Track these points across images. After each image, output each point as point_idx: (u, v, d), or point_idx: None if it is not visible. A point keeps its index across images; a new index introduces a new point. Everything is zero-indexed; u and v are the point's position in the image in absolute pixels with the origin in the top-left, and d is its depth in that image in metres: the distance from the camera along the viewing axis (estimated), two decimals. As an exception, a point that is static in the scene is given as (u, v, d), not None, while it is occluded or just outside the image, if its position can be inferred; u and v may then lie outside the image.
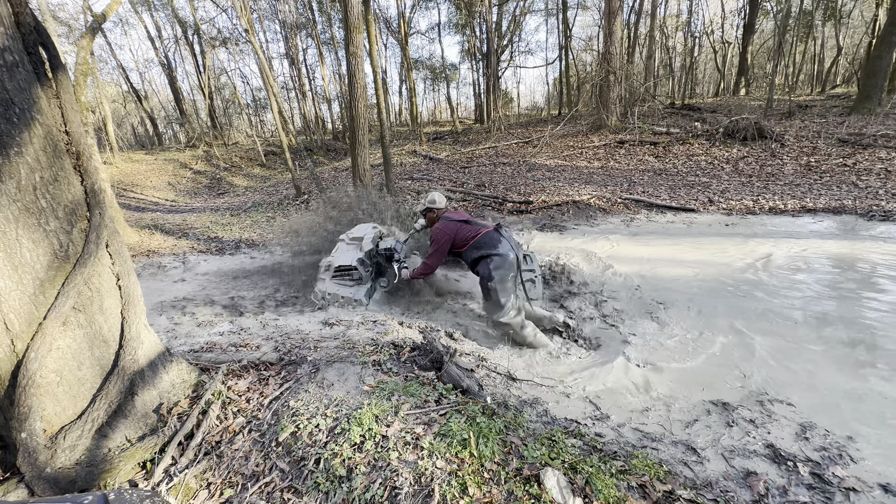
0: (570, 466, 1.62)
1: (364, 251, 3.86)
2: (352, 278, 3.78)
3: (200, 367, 2.34)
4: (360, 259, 3.80)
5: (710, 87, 29.34)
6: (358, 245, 3.97)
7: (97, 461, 1.61)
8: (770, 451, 1.87)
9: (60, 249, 1.57)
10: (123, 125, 28.39)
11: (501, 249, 3.07)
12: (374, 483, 1.53)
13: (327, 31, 22.09)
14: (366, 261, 3.84)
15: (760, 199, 6.55)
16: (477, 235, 3.14)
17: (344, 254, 3.92)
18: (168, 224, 9.86)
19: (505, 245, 3.10)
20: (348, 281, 3.79)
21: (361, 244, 3.97)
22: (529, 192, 8.42)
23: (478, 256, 3.12)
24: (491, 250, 3.08)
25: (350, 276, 3.78)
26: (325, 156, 20.05)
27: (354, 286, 3.75)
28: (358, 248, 3.92)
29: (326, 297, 3.74)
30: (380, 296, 3.87)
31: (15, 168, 1.43)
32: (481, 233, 3.14)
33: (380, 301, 3.81)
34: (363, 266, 3.79)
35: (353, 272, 3.76)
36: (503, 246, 3.09)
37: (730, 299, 3.44)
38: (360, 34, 7.66)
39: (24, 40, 1.50)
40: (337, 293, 3.70)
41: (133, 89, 22.85)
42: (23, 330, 1.49)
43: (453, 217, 3.31)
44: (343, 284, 3.78)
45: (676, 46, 25.19)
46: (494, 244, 3.10)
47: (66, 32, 17.29)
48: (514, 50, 24.76)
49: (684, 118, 13.27)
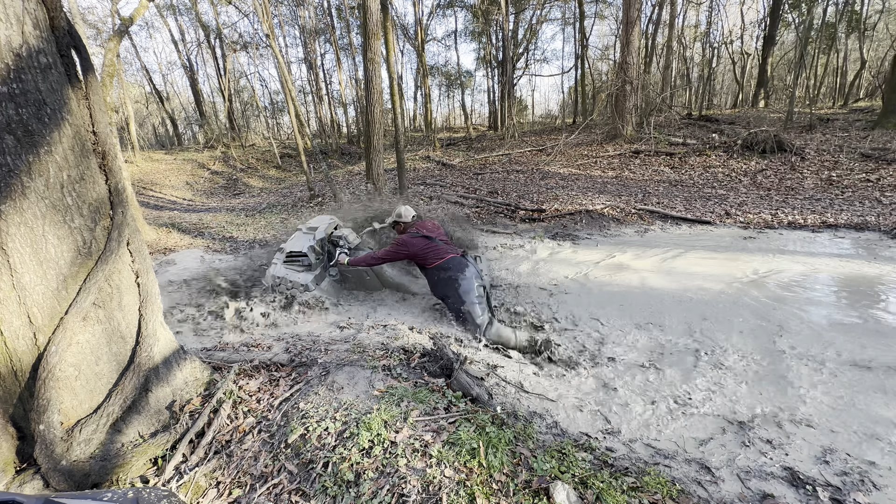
0: (581, 481, 1.59)
1: (317, 240, 4.07)
2: (301, 264, 3.97)
3: (213, 365, 2.37)
4: (311, 246, 4.01)
5: (728, 98, 28.97)
6: (312, 234, 4.18)
7: (111, 456, 1.64)
8: (788, 473, 1.81)
9: (84, 246, 1.61)
10: (145, 125, 29.11)
11: (467, 272, 3.27)
12: (381, 489, 1.52)
13: (345, 36, 22.43)
14: (317, 248, 4.05)
15: (779, 213, 6.42)
16: (444, 258, 3.31)
17: (297, 241, 4.13)
18: (185, 223, 10.04)
19: (471, 270, 3.29)
20: (298, 267, 3.97)
21: (315, 233, 4.18)
22: (542, 201, 8.39)
23: (446, 277, 3.29)
24: (458, 273, 3.26)
25: (300, 262, 3.97)
26: (339, 159, 20.27)
27: (304, 272, 3.93)
28: (312, 237, 4.12)
29: (276, 281, 3.91)
30: (328, 284, 4.03)
31: (44, 166, 1.48)
32: (447, 257, 3.32)
33: (328, 290, 3.97)
34: (314, 253, 4.00)
35: (303, 258, 3.96)
36: (469, 271, 3.28)
37: (752, 318, 3.37)
38: (377, 40, 7.76)
39: (57, 43, 1.55)
40: (286, 277, 3.88)
41: (156, 91, 23.43)
42: (45, 324, 1.52)
43: (422, 232, 3.50)
44: (293, 269, 3.96)
45: (694, 57, 24.97)
46: (461, 267, 3.28)
47: (94, 35, 17.85)
48: (530, 58, 24.83)
49: (701, 129, 13.11)
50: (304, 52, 23.07)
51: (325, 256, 4.13)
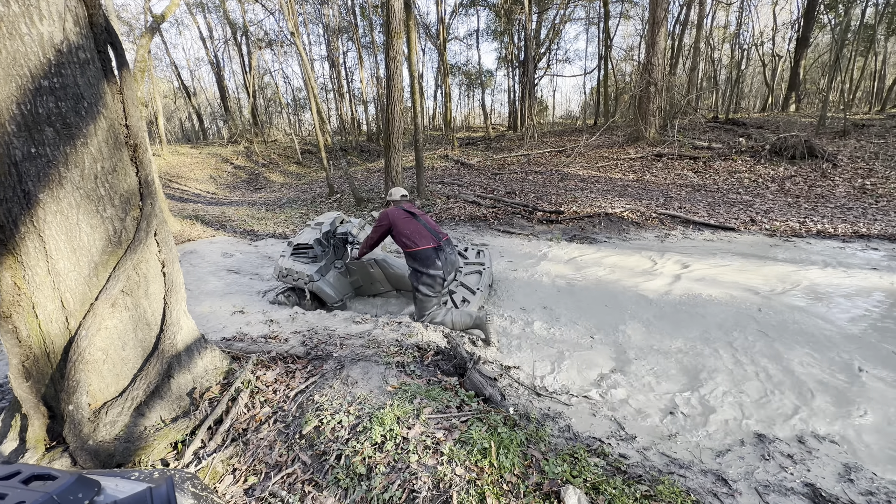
0: (593, 486, 1.57)
1: (323, 233, 4.24)
2: (307, 256, 4.13)
3: (232, 355, 2.43)
4: (318, 239, 4.16)
5: (756, 101, 28.09)
6: (319, 228, 4.35)
7: (134, 438, 1.70)
8: (809, 490, 1.76)
9: (114, 235, 1.67)
10: (172, 119, 29.94)
11: (432, 270, 3.34)
12: (392, 484, 1.54)
13: (368, 35, 22.63)
14: (323, 241, 4.21)
15: (808, 221, 6.20)
16: (416, 248, 3.38)
17: (305, 235, 4.31)
18: (208, 215, 10.30)
19: (438, 266, 3.35)
20: (304, 258, 4.13)
21: (321, 227, 4.35)
22: (560, 202, 8.30)
23: (413, 268, 3.42)
24: (424, 269, 3.35)
25: (307, 254, 4.14)
26: (358, 156, 20.47)
27: (309, 263, 4.08)
28: (318, 231, 4.29)
29: (283, 272, 4.08)
30: (334, 276, 4.16)
31: (80, 157, 1.54)
32: (419, 248, 3.38)
33: (333, 282, 4.11)
34: (319, 245, 4.16)
35: (309, 251, 4.12)
36: (435, 267, 3.35)
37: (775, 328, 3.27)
38: (400, 39, 7.80)
39: (95, 39, 1.61)
40: (293, 268, 4.03)
41: (183, 86, 24.08)
42: (76, 309, 1.59)
43: (404, 207, 3.63)
44: (299, 261, 4.12)
45: (722, 58, 24.28)
46: (428, 264, 3.35)
47: (127, 31, 18.44)
48: (552, 58, 24.57)
49: (727, 133, 12.75)
50: (328, 49, 23.37)
51: (330, 249, 4.29)
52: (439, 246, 3.41)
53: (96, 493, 0.58)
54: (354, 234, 4.43)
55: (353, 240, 4.39)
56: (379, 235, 3.64)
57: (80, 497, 0.55)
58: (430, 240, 3.41)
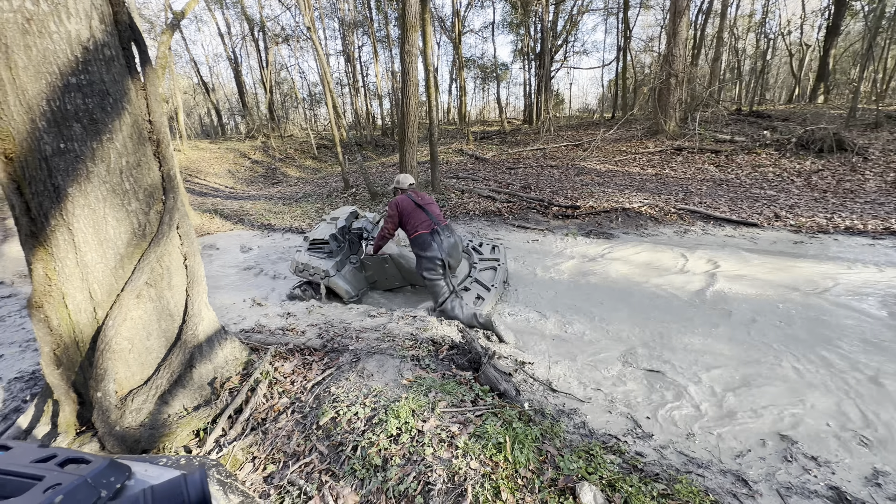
0: (608, 483, 1.56)
1: (338, 228, 4.28)
2: (323, 251, 4.18)
3: (251, 346, 2.48)
4: (333, 234, 4.21)
5: (782, 93, 27.15)
6: (335, 223, 4.40)
7: (158, 425, 1.75)
8: (834, 493, 1.71)
9: (139, 228, 1.71)
10: (192, 115, 30.53)
11: (429, 253, 3.49)
12: (408, 476, 1.55)
13: (383, 29, 22.61)
14: (338, 237, 4.25)
15: (835, 217, 5.98)
16: (416, 233, 3.53)
17: (321, 230, 4.36)
18: (227, 209, 10.50)
19: (434, 249, 3.49)
20: (320, 253, 4.17)
21: (337, 222, 4.39)
22: (577, 197, 8.19)
23: (416, 254, 3.58)
24: (422, 252, 3.51)
25: (322, 249, 4.18)
26: (373, 151, 20.55)
27: (325, 258, 4.13)
28: (334, 226, 4.34)
29: (300, 266, 4.13)
30: (349, 271, 4.18)
31: (106, 152, 1.58)
32: (418, 233, 3.52)
33: (348, 277, 4.13)
34: (335, 241, 4.20)
35: (324, 246, 4.17)
36: (432, 249, 3.49)
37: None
38: (415, 32, 7.77)
39: (120, 36, 1.64)
40: (309, 263, 4.08)
41: (202, 82, 24.48)
42: (103, 299, 1.64)
43: (413, 198, 3.67)
44: (315, 256, 4.16)
45: (747, 48, 23.49)
46: (426, 247, 3.50)
47: (148, 29, 18.82)
48: (569, 50, 24.14)
49: (751, 126, 12.36)
50: (343, 44, 23.44)
51: (346, 244, 4.33)
52: (434, 230, 3.55)
53: (127, 478, 0.59)
54: (369, 230, 4.48)
55: (367, 235, 4.43)
56: (392, 226, 3.70)
57: (112, 481, 0.57)
58: (428, 225, 3.56)
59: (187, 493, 0.44)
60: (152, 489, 0.44)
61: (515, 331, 3.39)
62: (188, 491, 0.44)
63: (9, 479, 0.54)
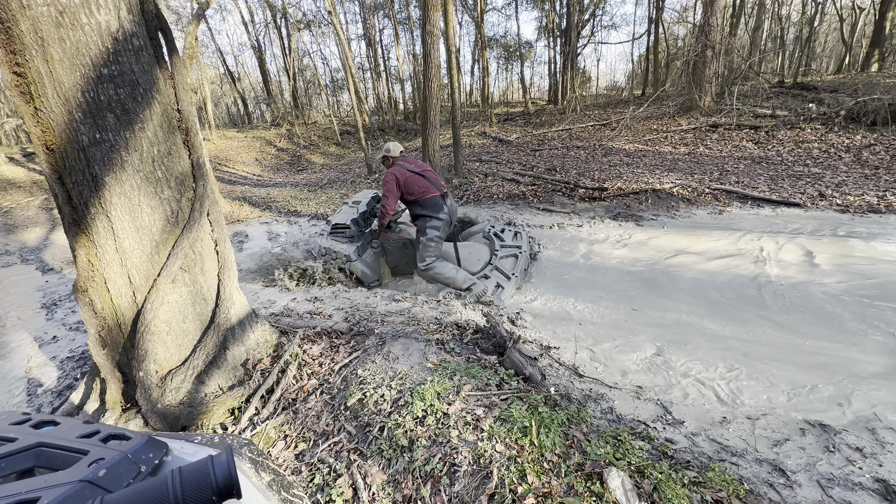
0: (637, 469, 1.54)
1: (360, 213, 4.29)
2: (345, 235, 4.21)
3: (280, 329, 2.55)
4: (355, 219, 4.23)
5: (830, 62, 25.21)
6: (356, 208, 4.41)
7: (196, 403, 1.83)
8: (881, 486, 1.63)
9: (172, 215, 1.77)
10: (220, 105, 31.20)
11: (441, 215, 3.63)
12: (434, 457, 1.58)
13: (404, 10, 22.25)
14: (360, 221, 4.28)
15: (888, 196, 5.57)
16: (425, 195, 3.63)
17: (343, 214, 4.38)
18: (255, 197, 10.77)
19: (445, 212, 3.64)
20: (342, 238, 4.21)
21: (358, 207, 4.40)
22: (604, 178, 7.94)
23: (421, 214, 3.67)
24: (433, 213, 3.64)
25: (344, 233, 4.21)
26: (396, 135, 20.50)
27: (347, 243, 4.16)
28: (356, 211, 4.35)
29: (322, 251, 4.19)
30: (370, 256, 4.21)
31: (139, 142, 1.62)
32: (429, 195, 3.63)
33: (370, 262, 4.16)
34: (356, 225, 4.23)
35: (346, 230, 4.19)
36: (443, 211, 3.64)
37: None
38: (437, 12, 7.60)
39: (147, 26, 1.67)
40: (331, 248, 4.12)
41: (228, 71, 24.92)
42: (141, 284, 1.71)
43: (407, 166, 3.70)
44: (338, 241, 4.20)
45: (791, 15, 21.85)
46: (437, 209, 3.63)
47: (175, 20, 19.20)
48: (597, 24, 23.12)
49: (795, 99, 11.58)
50: (364, 27, 23.27)
51: (367, 228, 4.38)
52: (445, 193, 3.71)
53: (164, 454, 0.62)
54: None
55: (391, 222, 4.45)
56: (394, 200, 3.72)
57: (150, 457, 0.59)
58: (437, 189, 3.68)
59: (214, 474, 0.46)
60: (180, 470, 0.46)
61: (541, 315, 3.35)
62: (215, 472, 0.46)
63: (58, 453, 0.58)
